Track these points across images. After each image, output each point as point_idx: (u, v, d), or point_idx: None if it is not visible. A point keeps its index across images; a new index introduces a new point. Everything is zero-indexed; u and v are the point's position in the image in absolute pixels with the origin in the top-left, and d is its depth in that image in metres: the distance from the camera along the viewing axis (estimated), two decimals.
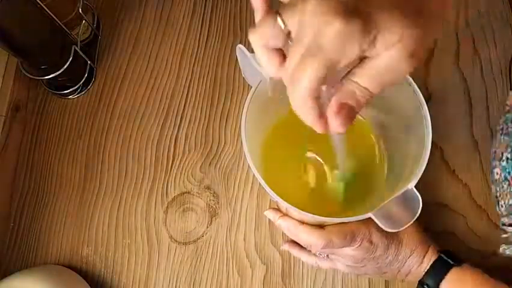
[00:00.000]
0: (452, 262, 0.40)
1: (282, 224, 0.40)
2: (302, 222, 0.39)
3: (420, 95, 0.35)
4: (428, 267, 0.40)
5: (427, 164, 0.33)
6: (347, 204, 0.42)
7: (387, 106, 0.40)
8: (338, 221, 0.36)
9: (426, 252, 0.41)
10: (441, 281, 0.39)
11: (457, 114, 0.52)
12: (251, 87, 0.38)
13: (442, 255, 0.40)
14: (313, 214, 0.34)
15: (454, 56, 0.54)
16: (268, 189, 0.34)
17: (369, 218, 0.32)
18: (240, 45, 0.33)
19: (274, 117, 0.44)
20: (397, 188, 0.33)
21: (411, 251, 0.40)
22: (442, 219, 0.48)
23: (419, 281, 0.41)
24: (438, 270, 0.40)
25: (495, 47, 0.54)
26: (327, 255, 0.43)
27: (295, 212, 0.35)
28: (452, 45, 0.55)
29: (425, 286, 0.40)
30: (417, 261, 0.40)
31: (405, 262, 0.40)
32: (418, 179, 0.33)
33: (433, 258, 0.40)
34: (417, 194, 0.31)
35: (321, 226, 0.38)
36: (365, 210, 0.32)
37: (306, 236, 0.39)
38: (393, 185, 0.38)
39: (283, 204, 0.34)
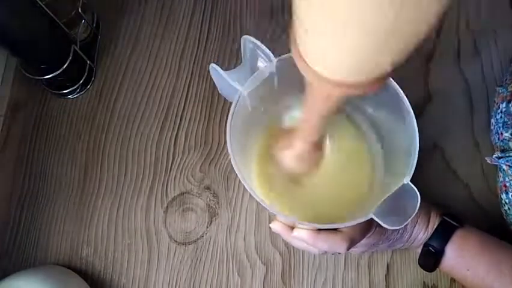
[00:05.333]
0: (455, 224, 0.40)
1: (299, 237, 0.36)
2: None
3: (404, 96, 0.34)
4: (432, 231, 0.40)
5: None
6: (346, 207, 0.42)
7: (380, 104, 0.40)
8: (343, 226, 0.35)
9: (430, 216, 0.41)
10: (447, 242, 0.40)
11: (457, 114, 0.52)
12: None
13: (446, 217, 0.41)
14: (329, 224, 0.33)
15: (454, 56, 0.54)
16: (273, 209, 0.33)
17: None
18: (212, 64, 0.33)
19: (263, 128, 0.44)
20: (394, 185, 0.33)
21: (417, 219, 0.41)
22: None
23: (424, 244, 0.41)
24: (443, 233, 0.40)
25: (496, 47, 0.54)
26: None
27: (307, 225, 0.35)
28: (452, 46, 0.55)
29: (430, 248, 0.40)
30: (423, 226, 0.41)
31: (412, 230, 0.41)
32: (412, 172, 0.32)
33: (437, 222, 0.41)
34: (414, 187, 0.31)
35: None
36: (363, 211, 0.32)
37: (327, 244, 0.36)
38: (391, 183, 0.37)
39: (297, 222, 0.34)
